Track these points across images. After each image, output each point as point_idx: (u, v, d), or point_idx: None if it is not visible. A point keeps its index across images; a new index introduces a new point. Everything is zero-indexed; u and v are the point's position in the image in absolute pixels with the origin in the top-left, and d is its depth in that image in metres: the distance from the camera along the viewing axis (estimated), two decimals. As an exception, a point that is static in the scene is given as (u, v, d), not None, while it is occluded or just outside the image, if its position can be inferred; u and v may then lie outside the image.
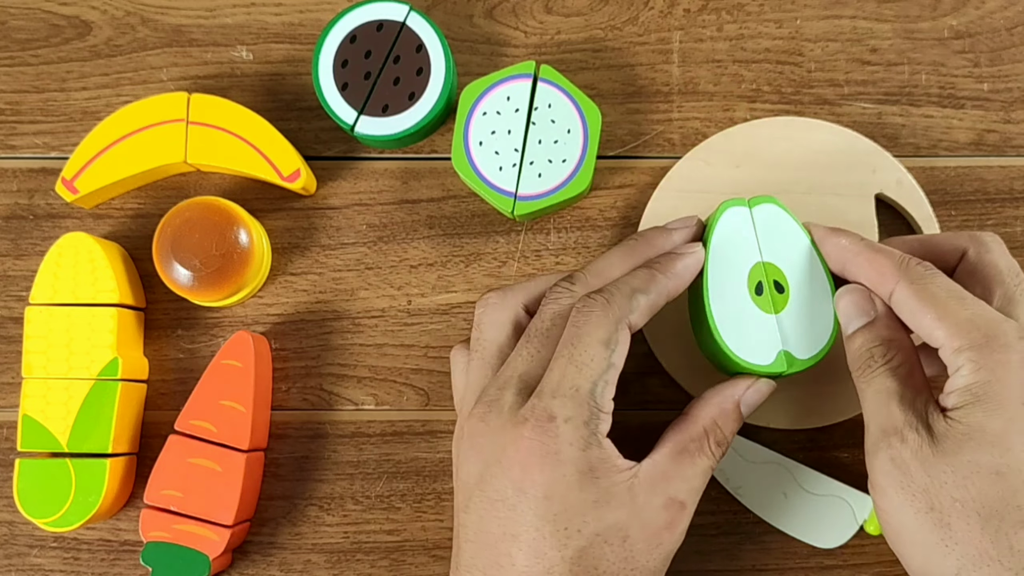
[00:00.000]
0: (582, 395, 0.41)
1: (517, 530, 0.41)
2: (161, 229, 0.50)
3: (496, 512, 0.41)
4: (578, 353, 0.41)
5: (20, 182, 0.54)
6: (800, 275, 0.46)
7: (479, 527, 0.42)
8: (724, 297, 0.46)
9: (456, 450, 0.45)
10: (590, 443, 0.41)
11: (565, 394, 0.41)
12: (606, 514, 0.41)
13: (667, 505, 0.42)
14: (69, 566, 0.52)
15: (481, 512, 0.42)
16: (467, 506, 0.43)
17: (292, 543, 0.52)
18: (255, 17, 0.54)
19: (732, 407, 0.45)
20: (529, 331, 0.44)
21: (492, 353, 0.45)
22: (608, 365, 0.42)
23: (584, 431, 0.41)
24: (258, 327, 0.53)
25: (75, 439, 0.49)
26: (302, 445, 0.52)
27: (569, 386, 0.41)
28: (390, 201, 0.53)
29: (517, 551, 0.41)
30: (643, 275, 0.44)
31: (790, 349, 0.46)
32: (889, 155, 0.52)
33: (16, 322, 0.53)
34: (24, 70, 0.54)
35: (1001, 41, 0.54)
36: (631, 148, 0.54)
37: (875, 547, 0.51)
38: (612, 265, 0.45)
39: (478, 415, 0.43)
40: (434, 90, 0.51)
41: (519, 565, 0.41)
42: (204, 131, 0.51)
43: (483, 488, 0.42)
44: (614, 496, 0.41)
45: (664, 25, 0.54)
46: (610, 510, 0.41)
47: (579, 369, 0.41)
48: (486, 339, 0.45)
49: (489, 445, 0.42)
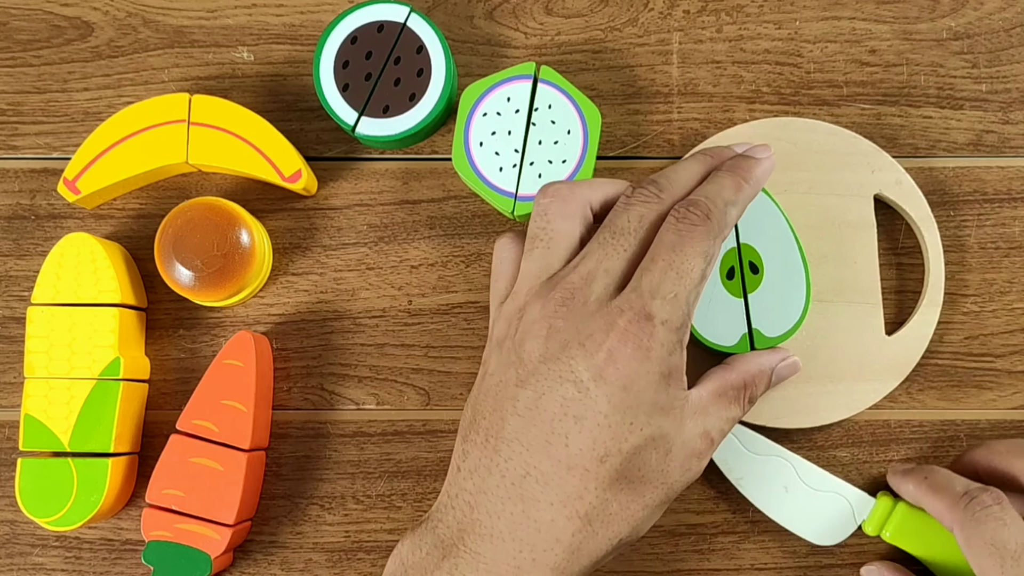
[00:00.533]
0: (679, 301, 0.42)
1: (583, 412, 0.41)
2: (163, 229, 0.50)
3: (563, 391, 0.41)
4: (679, 260, 0.42)
5: (22, 182, 0.54)
6: (775, 257, 0.49)
7: (535, 403, 0.42)
8: None
9: (511, 329, 0.44)
10: (675, 349, 0.42)
11: (664, 296, 0.42)
12: (664, 423, 0.42)
13: (703, 436, 0.44)
14: (71, 565, 0.52)
15: (543, 388, 0.42)
16: (525, 381, 0.42)
17: (293, 542, 0.52)
18: (256, 18, 0.55)
19: (768, 371, 0.47)
20: (614, 227, 0.44)
21: (560, 244, 0.45)
22: (703, 276, 0.43)
23: (674, 336, 0.42)
24: (259, 327, 0.53)
25: (77, 439, 0.49)
26: (303, 444, 0.52)
27: (669, 290, 0.42)
28: (391, 201, 0.54)
29: (576, 433, 0.41)
30: (731, 185, 0.45)
31: (761, 328, 0.49)
32: (888, 155, 0.52)
33: (18, 322, 0.53)
34: (26, 71, 0.54)
35: (999, 42, 0.54)
36: (631, 149, 0.54)
37: (874, 547, 0.51)
38: (692, 176, 0.46)
39: (559, 299, 0.43)
40: (435, 91, 0.51)
41: (573, 447, 0.41)
42: (205, 132, 0.51)
43: (552, 366, 0.42)
44: (673, 409, 0.42)
45: (664, 26, 0.54)
46: (668, 421, 0.42)
47: (679, 276, 0.42)
48: (554, 229, 0.45)
49: (569, 327, 0.42)
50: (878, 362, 0.51)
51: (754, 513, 0.51)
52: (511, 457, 0.42)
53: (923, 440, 0.52)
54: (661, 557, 0.52)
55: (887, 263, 0.53)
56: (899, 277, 0.53)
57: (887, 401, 0.52)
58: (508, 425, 0.42)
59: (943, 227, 0.52)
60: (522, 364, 0.43)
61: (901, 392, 0.52)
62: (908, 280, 0.53)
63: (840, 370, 0.51)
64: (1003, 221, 0.53)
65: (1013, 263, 0.53)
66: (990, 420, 0.52)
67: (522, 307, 0.44)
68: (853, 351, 0.51)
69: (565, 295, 0.43)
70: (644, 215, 0.44)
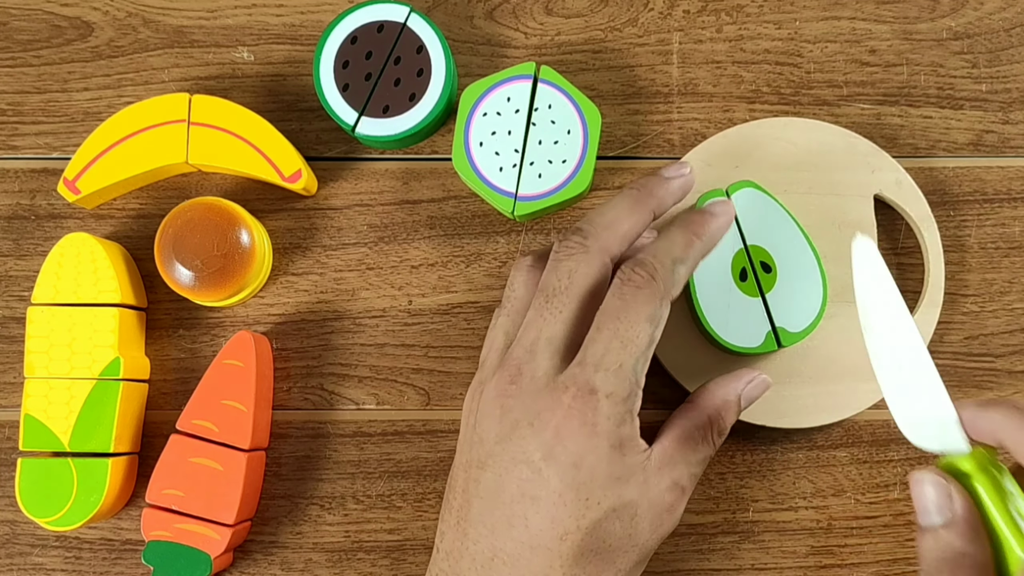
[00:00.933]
0: (625, 371, 0.42)
1: (538, 493, 0.41)
2: (163, 229, 0.50)
3: (518, 472, 0.42)
4: (624, 328, 0.42)
5: (22, 182, 0.54)
6: (786, 253, 0.49)
7: (495, 484, 0.42)
8: (710, 286, 0.48)
9: (473, 405, 0.44)
10: (625, 419, 0.42)
11: (609, 368, 0.41)
12: (624, 492, 0.42)
13: (671, 488, 0.43)
14: (71, 565, 0.52)
15: (500, 470, 0.42)
16: (484, 463, 0.43)
17: (293, 542, 0.52)
18: (256, 18, 0.55)
19: (734, 400, 0.46)
20: (547, 289, 0.44)
21: (518, 310, 0.45)
22: (650, 341, 0.42)
23: (622, 407, 0.42)
24: (259, 327, 0.53)
25: (77, 439, 0.49)
26: (303, 444, 0.52)
27: (613, 361, 0.42)
28: (391, 201, 0.54)
29: (534, 513, 0.41)
30: (681, 241, 0.44)
31: (783, 325, 0.48)
32: (888, 155, 0.52)
33: (18, 322, 0.53)
34: (26, 71, 0.54)
35: (999, 42, 0.54)
36: (631, 149, 0.54)
37: (874, 547, 0.51)
38: (620, 218, 0.45)
39: (507, 377, 0.43)
40: (435, 91, 0.51)
41: (532, 527, 0.41)
42: (205, 132, 0.51)
43: (506, 447, 0.42)
44: (633, 475, 0.42)
45: (664, 26, 0.54)
46: (627, 488, 0.42)
47: (624, 345, 0.42)
48: (517, 296, 0.45)
49: (519, 407, 0.42)
50: (878, 362, 0.51)
51: (754, 513, 0.51)
52: (478, 540, 0.42)
53: (923, 440, 0.52)
54: (661, 557, 0.52)
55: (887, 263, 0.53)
56: (899, 277, 0.53)
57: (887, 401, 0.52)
58: (473, 508, 0.43)
59: (943, 227, 0.52)
60: (481, 445, 0.43)
61: (901, 392, 0.52)
62: (908, 280, 0.53)
63: (840, 370, 0.51)
64: (1003, 221, 0.53)
65: (1013, 263, 0.53)
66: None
67: (483, 382, 0.44)
68: (853, 351, 0.51)
69: (513, 372, 0.43)
70: (573, 270, 0.43)
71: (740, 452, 0.52)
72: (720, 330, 0.49)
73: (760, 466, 0.52)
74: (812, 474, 0.52)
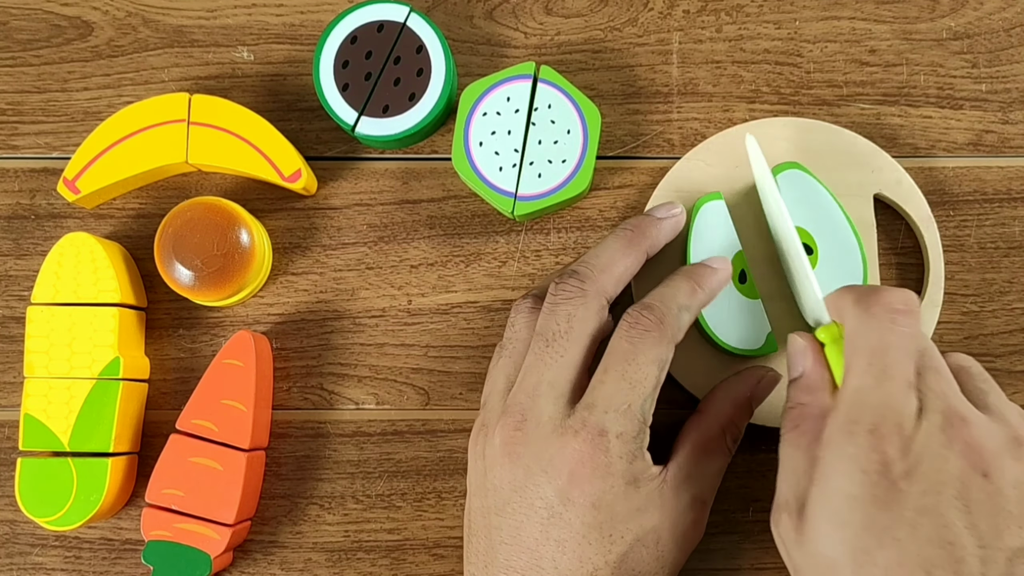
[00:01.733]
0: (633, 411, 0.42)
1: (561, 535, 0.42)
2: (162, 229, 0.50)
3: (538, 517, 0.42)
4: (632, 371, 0.42)
5: (22, 182, 0.54)
6: (828, 236, 0.49)
7: (517, 531, 0.43)
8: None
9: (479, 449, 0.45)
10: (636, 456, 0.42)
11: (617, 410, 0.42)
12: (645, 520, 0.42)
13: (692, 505, 0.44)
14: (71, 565, 0.52)
15: (520, 517, 0.42)
16: (502, 510, 0.43)
17: (293, 542, 0.52)
18: (256, 18, 0.55)
19: (744, 403, 0.46)
20: (546, 333, 0.44)
21: (520, 352, 0.46)
22: (656, 383, 0.43)
23: (632, 445, 0.42)
24: (259, 327, 0.53)
25: (76, 438, 0.49)
26: (303, 444, 0.52)
27: (622, 402, 0.42)
28: (391, 201, 0.54)
29: (560, 555, 0.42)
30: (686, 290, 0.45)
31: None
32: (888, 155, 0.52)
33: (18, 322, 0.53)
34: (26, 70, 0.54)
35: (999, 42, 0.54)
36: (631, 148, 0.54)
37: (874, 546, 0.51)
38: (615, 261, 0.46)
39: (512, 424, 0.43)
40: (434, 91, 0.51)
41: (562, 568, 0.42)
42: (205, 131, 0.51)
43: (523, 494, 0.42)
44: (651, 502, 0.42)
45: (663, 26, 0.54)
46: (648, 516, 0.42)
47: (632, 387, 0.42)
48: (519, 339, 0.46)
49: (529, 454, 0.43)
50: (878, 362, 0.51)
51: (754, 513, 0.51)
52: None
53: (923, 440, 0.52)
54: (661, 557, 0.52)
55: (887, 263, 0.53)
56: (899, 277, 0.53)
57: (887, 401, 0.52)
58: (499, 555, 0.43)
59: (943, 227, 0.52)
60: (496, 492, 0.43)
61: (901, 392, 0.52)
62: (908, 280, 0.53)
63: (840, 370, 0.51)
64: (1003, 221, 0.53)
65: (1013, 263, 0.53)
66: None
67: (484, 425, 0.45)
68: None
69: (517, 419, 0.43)
70: (572, 314, 0.44)
71: (740, 452, 0.52)
72: (720, 332, 0.49)
73: (760, 466, 0.52)
74: (812, 474, 0.52)
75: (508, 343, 0.46)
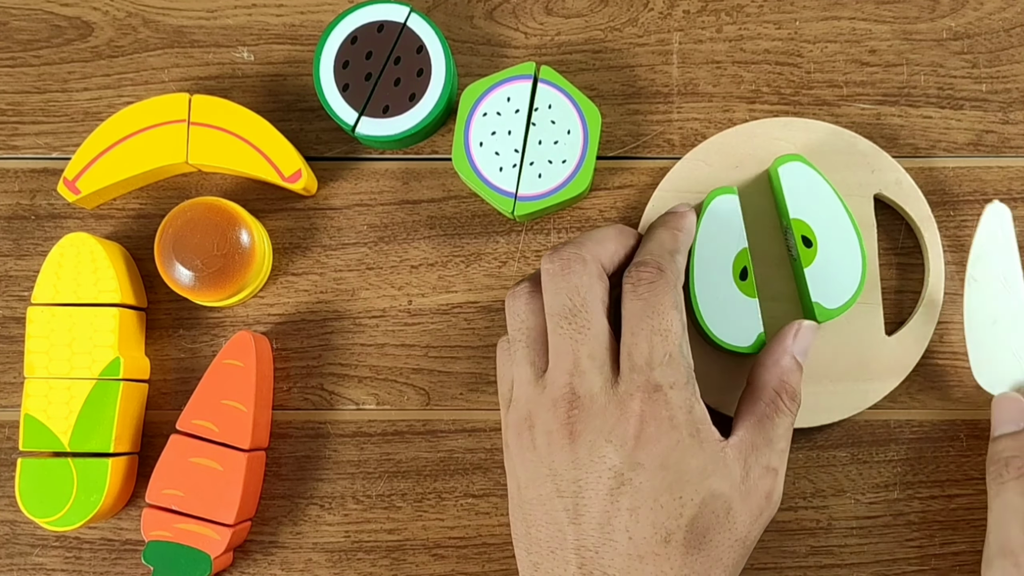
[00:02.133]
0: (675, 359, 0.43)
1: (633, 503, 0.41)
2: (163, 229, 0.50)
3: (605, 488, 0.42)
4: (657, 323, 0.43)
5: (22, 182, 0.54)
6: (828, 229, 0.49)
7: (584, 508, 0.42)
8: (709, 283, 0.49)
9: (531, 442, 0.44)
10: (693, 404, 0.43)
11: (662, 362, 0.42)
12: (711, 483, 0.42)
13: (763, 475, 0.44)
14: (71, 565, 0.52)
15: (589, 493, 0.42)
16: (564, 491, 0.42)
17: (293, 542, 0.52)
18: (256, 18, 0.55)
19: (790, 361, 0.46)
20: (561, 311, 0.44)
21: (536, 338, 0.45)
22: (683, 325, 0.44)
23: (687, 392, 0.43)
24: (259, 327, 0.53)
25: (77, 439, 0.49)
26: (303, 445, 0.52)
27: (662, 354, 0.42)
28: (391, 201, 0.54)
29: (634, 524, 0.41)
30: (668, 237, 0.46)
31: (820, 301, 0.49)
32: (888, 155, 0.52)
33: (18, 322, 0.53)
34: (26, 71, 0.54)
35: (999, 42, 0.54)
36: (631, 149, 0.54)
37: (874, 547, 0.51)
38: (608, 237, 0.46)
39: (565, 405, 0.43)
40: (435, 91, 0.51)
41: (636, 537, 0.41)
42: (205, 132, 0.51)
43: (589, 470, 0.42)
44: (716, 465, 0.42)
45: (664, 26, 0.54)
46: (714, 480, 0.42)
47: (664, 337, 0.43)
48: (529, 325, 0.45)
49: (589, 429, 0.42)
50: (878, 362, 0.51)
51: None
52: (583, 564, 0.42)
53: (923, 440, 0.52)
54: (661, 557, 0.52)
55: (887, 263, 0.53)
56: (899, 277, 0.53)
57: (887, 401, 0.52)
58: (568, 536, 0.42)
59: (943, 227, 0.52)
60: (558, 476, 0.43)
61: (901, 392, 0.52)
62: (908, 280, 0.53)
63: (840, 370, 0.51)
64: (1003, 221, 0.53)
65: (1013, 263, 0.53)
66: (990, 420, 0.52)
67: (528, 416, 0.44)
68: (853, 351, 0.51)
69: (569, 397, 0.43)
70: (578, 285, 0.44)
71: (740, 452, 0.52)
72: (712, 325, 0.49)
73: (760, 466, 0.52)
74: (812, 474, 0.52)
75: (518, 333, 0.46)
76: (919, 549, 0.51)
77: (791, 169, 0.50)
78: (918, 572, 0.51)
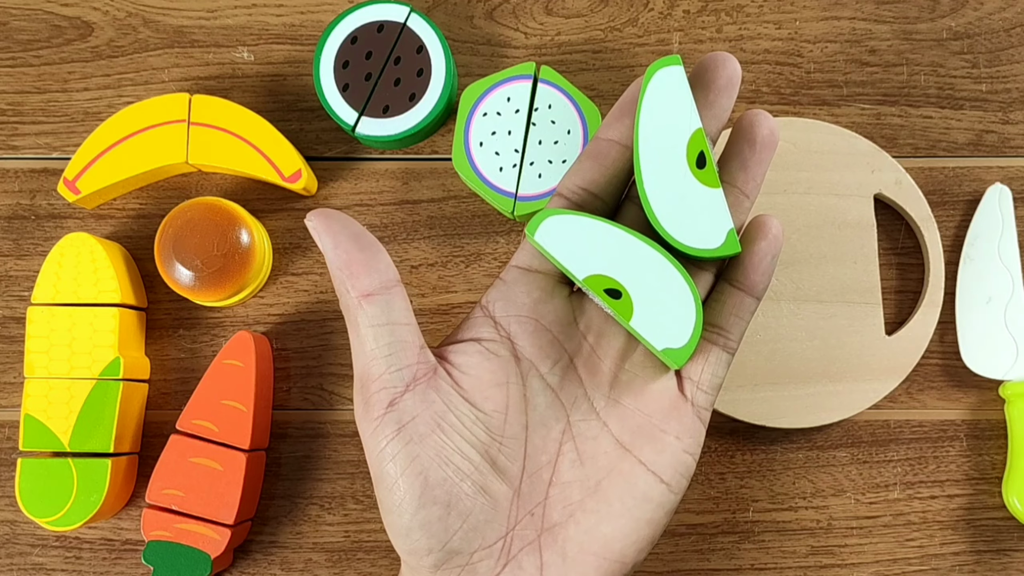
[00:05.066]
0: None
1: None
2: (163, 229, 0.50)
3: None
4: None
5: (22, 182, 0.54)
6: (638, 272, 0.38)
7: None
8: (660, 176, 0.38)
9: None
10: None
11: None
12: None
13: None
14: (71, 565, 0.52)
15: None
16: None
17: (293, 542, 0.52)
18: (256, 18, 0.55)
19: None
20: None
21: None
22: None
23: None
24: (259, 327, 0.53)
25: (77, 439, 0.49)
26: (303, 444, 0.52)
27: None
28: (391, 201, 0.54)
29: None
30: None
31: (668, 345, 0.38)
32: (888, 155, 0.52)
33: (18, 322, 0.53)
34: (26, 71, 0.54)
35: (999, 42, 0.54)
36: (631, 149, 0.54)
37: (874, 547, 0.51)
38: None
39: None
40: (435, 91, 0.51)
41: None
42: (205, 132, 0.51)
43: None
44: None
45: (664, 26, 0.54)
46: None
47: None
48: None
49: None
50: (878, 362, 0.51)
51: (754, 513, 0.51)
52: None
53: (923, 440, 0.52)
54: (661, 557, 0.52)
55: (887, 263, 0.53)
56: (899, 277, 0.53)
57: (887, 401, 0.52)
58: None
59: (943, 227, 0.52)
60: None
61: (901, 392, 0.52)
62: (908, 280, 0.53)
63: (840, 370, 0.51)
64: (1003, 221, 0.53)
65: (1013, 263, 0.53)
66: (990, 420, 0.52)
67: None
68: (853, 351, 0.51)
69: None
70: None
71: (740, 452, 0.52)
72: (671, 227, 0.37)
73: (760, 466, 0.52)
74: (812, 474, 0.52)
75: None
76: (919, 549, 0.51)
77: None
78: (918, 572, 0.51)
